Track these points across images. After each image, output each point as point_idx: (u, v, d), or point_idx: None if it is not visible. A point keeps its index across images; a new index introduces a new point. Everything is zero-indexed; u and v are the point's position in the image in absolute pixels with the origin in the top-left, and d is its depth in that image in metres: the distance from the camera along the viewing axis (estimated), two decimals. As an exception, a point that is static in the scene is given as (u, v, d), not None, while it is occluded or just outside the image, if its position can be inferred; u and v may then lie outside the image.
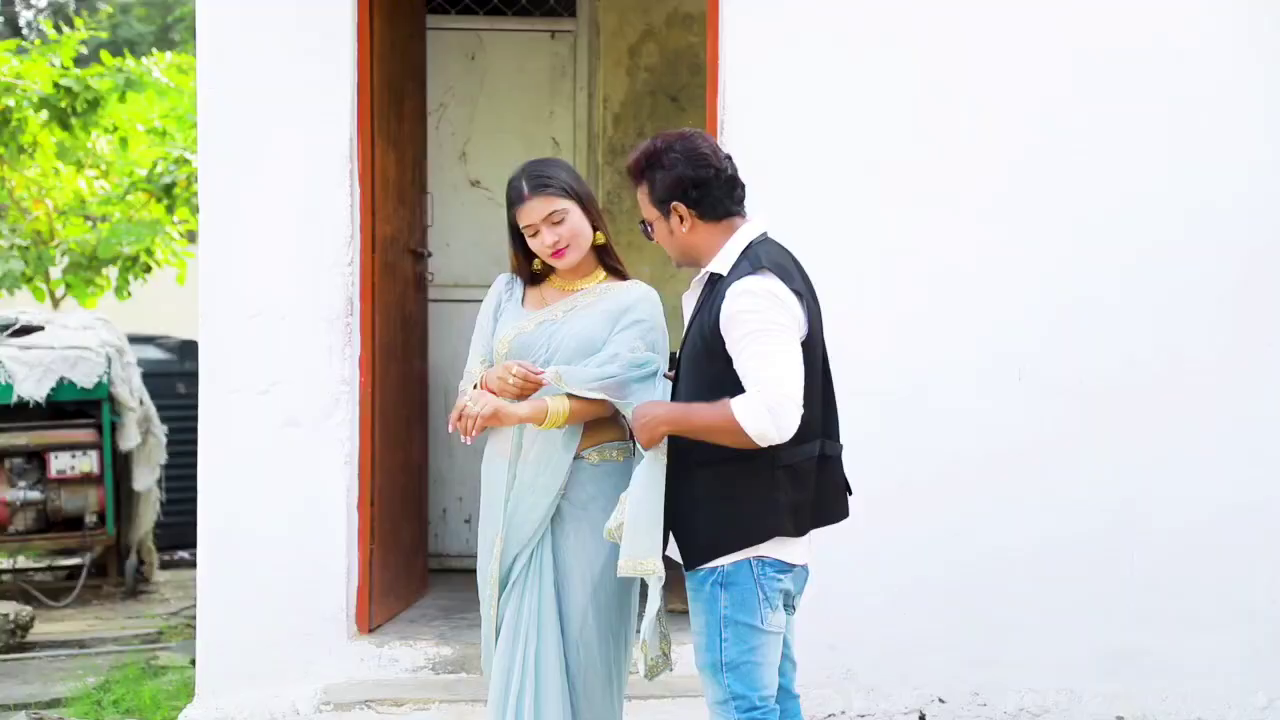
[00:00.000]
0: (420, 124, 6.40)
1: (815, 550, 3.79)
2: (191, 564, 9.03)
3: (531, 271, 4.05)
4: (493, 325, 4.03)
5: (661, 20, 7.71)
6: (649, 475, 3.70)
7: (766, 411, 3.43)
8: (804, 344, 3.57)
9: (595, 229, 3.99)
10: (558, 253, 3.93)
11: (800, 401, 3.48)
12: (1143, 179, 5.39)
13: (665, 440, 3.67)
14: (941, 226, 5.38)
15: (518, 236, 3.98)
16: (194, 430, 5.52)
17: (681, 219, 3.71)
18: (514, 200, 3.94)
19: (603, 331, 3.95)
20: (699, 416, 3.57)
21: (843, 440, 3.78)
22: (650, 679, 3.89)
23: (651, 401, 3.74)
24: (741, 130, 5.28)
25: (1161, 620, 5.36)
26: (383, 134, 5.66)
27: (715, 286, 3.66)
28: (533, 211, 3.90)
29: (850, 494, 3.85)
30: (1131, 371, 5.38)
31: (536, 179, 3.93)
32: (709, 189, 3.69)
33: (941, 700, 5.40)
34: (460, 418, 3.82)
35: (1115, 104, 5.39)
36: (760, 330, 3.50)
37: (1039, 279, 5.39)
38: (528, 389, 3.80)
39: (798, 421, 3.47)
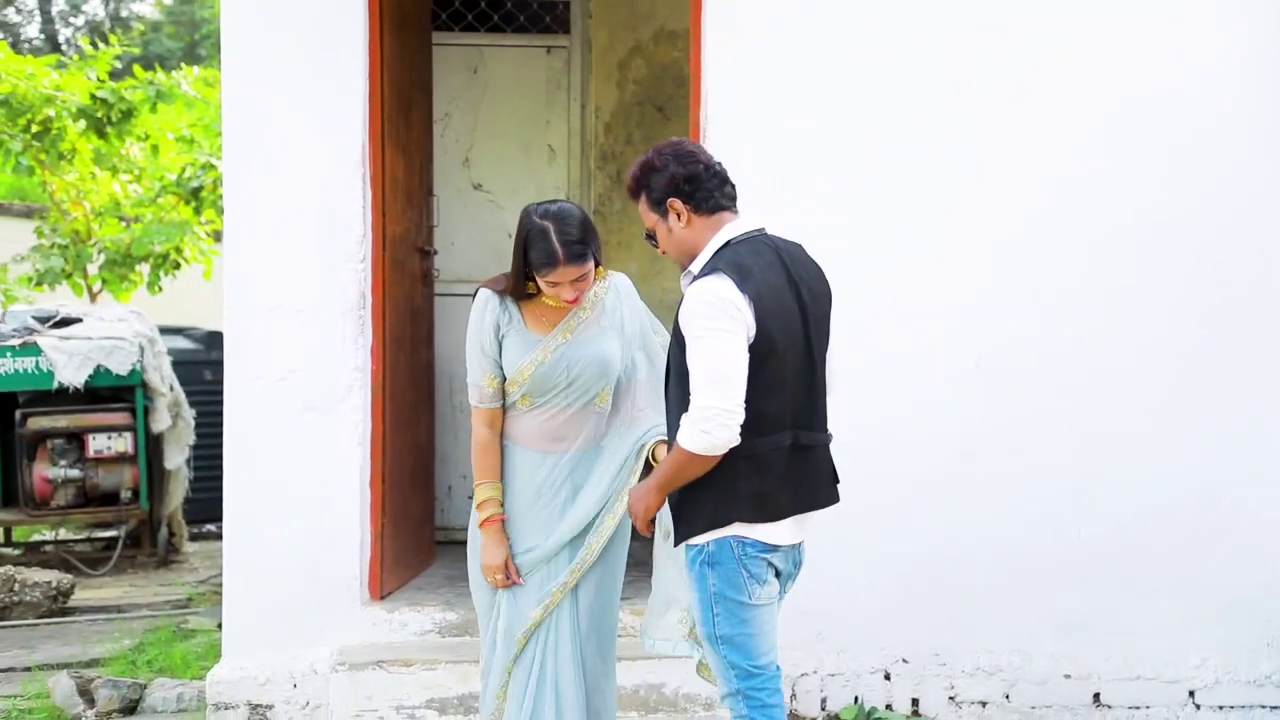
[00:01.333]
0: (427, 132, 6.37)
1: (809, 531, 3.76)
2: (218, 536, 9.06)
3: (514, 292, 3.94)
4: (496, 346, 3.90)
5: (648, 37, 7.68)
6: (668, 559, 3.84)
7: (698, 430, 3.43)
8: (760, 342, 3.49)
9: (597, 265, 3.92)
10: (571, 301, 3.87)
11: (728, 403, 3.42)
12: (1102, 176, 5.38)
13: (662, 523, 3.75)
14: (909, 227, 5.37)
15: (518, 271, 3.85)
16: (220, 414, 5.50)
17: (679, 215, 3.67)
18: (547, 262, 3.75)
19: (615, 349, 3.94)
20: (667, 469, 3.58)
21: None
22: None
23: (634, 488, 3.74)
24: (722, 137, 5.25)
25: (1107, 589, 5.36)
26: (392, 141, 5.62)
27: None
28: (565, 274, 3.78)
29: (838, 482, 3.81)
30: (1089, 361, 5.37)
31: (573, 248, 3.77)
32: (699, 182, 3.66)
33: (905, 660, 5.40)
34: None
35: (1071, 106, 5.38)
36: (701, 334, 3.47)
37: (999, 273, 5.38)
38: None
39: (731, 420, 3.43)
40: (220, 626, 5.60)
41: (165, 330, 9.74)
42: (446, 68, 7.18)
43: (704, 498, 3.56)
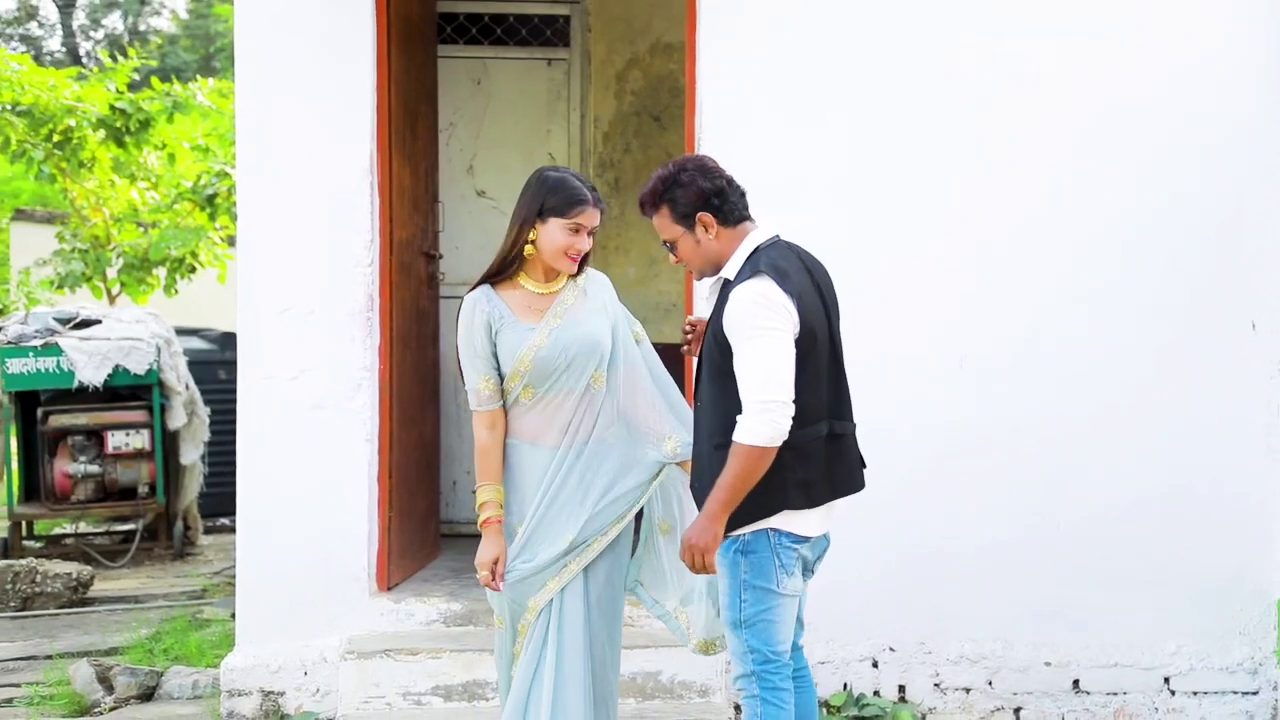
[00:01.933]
0: (432, 141, 6.35)
1: (835, 519, 3.79)
2: (231, 529, 9.02)
3: (505, 264, 3.89)
4: (489, 344, 3.84)
5: (645, 49, 7.67)
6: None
7: (767, 421, 3.45)
8: (804, 338, 3.55)
9: None
10: (576, 257, 3.85)
11: (785, 396, 3.47)
12: (1082, 182, 5.36)
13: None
14: (898, 232, 5.35)
15: (528, 226, 3.81)
16: (233, 412, 5.48)
17: (707, 228, 3.68)
18: (575, 201, 3.78)
19: (604, 328, 3.90)
20: (727, 483, 3.52)
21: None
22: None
23: (689, 529, 3.61)
24: (716, 145, 5.21)
25: (1086, 580, 5.34)
26: (399, 149, 5.61)
27: (726, 290, 3.64)
28: (590, 218, 3.81)
29: (865, 467, 3.86)
30: (1069, 360, 5.35)
31: (596, 192, 3.85)
32: (727, 196, 3.70)
33: (892, 649, 5.38)
34: None
35: (1052, 116, 5.36)
36: (751, 334, 3.50)
37: (984, 276, 5.37)
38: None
39: (788, 414, 3.47)
40: (234, 616, 5.59)
41: (181, 331, 9.73)
42: (451, 79, 7.16)
43: (752, 490, 3.56)
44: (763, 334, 3.48)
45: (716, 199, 3.67)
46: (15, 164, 11.21)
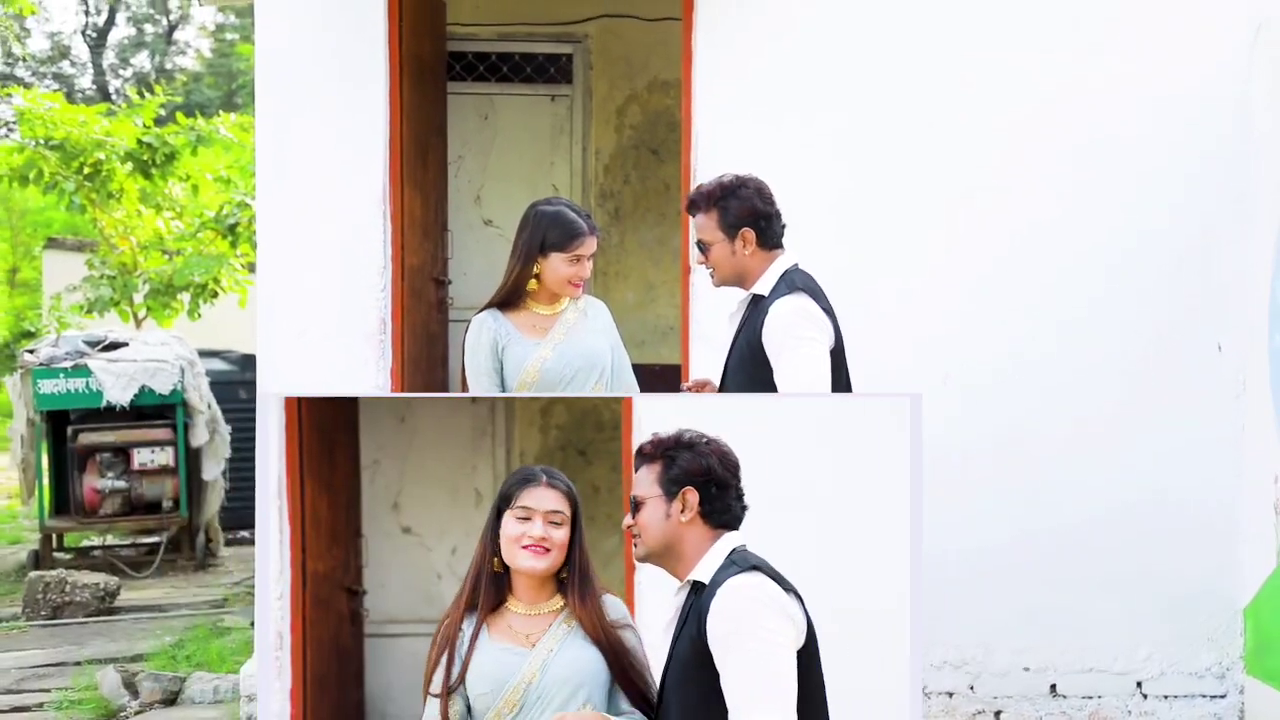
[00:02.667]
0: (442, 172, 6.37)
1: None
2: (251, 541, 9.02)
3: (510, 295, 3.93)
4: (496, 361, 3.87)
5: (644, 86, 7.70)
6: None
7: None
8: (835, 353, 3.68)
9: None
10: (580, 284, 3.90)
11: None
12: (1065, 211, 5.36)
13: None
14: (885, 258, 5.35)
15: (531, 262, 3.86)
16: (253, 430, 5.46)
17: (745, 243, 3.78)
18: (573, 234, 3.84)
19: (604, 345, 3.96)
20: None
21: None
22: None
23: None
24: (710, 177, 5.21)
25: (1064, 588, 5.33)
26: (411, 181, 5.62)
27: (758, 306, 3.74)
28: (589, 246, 3.87)
29: None
30: (1049, 377, 5.34)
31: (589, 221, 3.89)
32: (773, 221, 3.81)
33: (878, 654, 5.37)
34: None
35: (1035, 151, 5.37)
36: (795, 343, 3.60)
37: (969, 298, 5.37)
38: None
39: None
40: (253, 624, 5.58)
41: (204, 353, 9.74)
42: (460, 114, 7.19)
43: None
44: (805, 344, 3.60)
45: (764, 221, 3.78)
46: (47, 195, 11.23)
